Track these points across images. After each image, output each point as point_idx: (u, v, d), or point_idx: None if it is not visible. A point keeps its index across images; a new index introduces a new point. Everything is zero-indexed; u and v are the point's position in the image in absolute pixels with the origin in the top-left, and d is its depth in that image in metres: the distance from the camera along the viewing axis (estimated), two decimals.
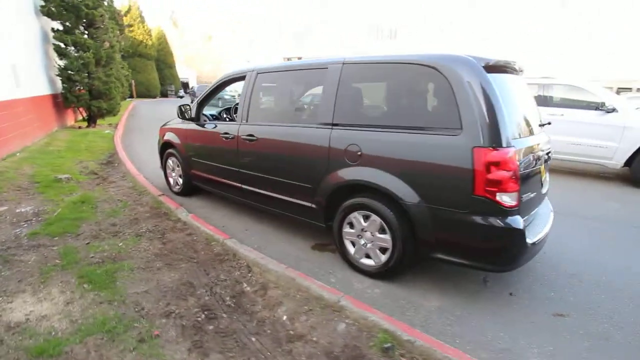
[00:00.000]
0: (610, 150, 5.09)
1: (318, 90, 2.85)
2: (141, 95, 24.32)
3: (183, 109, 3.85)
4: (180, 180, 4.37)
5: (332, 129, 2.61)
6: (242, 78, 3.51)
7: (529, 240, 2.09)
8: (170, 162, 4.48)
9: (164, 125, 4.73)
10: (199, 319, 2.08)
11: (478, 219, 2.05)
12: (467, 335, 2.02)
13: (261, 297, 2.31)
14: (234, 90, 14.98)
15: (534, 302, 2.38)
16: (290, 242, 3.19)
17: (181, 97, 31.59)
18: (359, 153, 2.44)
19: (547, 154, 2.53)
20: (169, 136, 4.37)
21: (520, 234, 2.02)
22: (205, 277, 2.53)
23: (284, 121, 3.02)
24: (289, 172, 2.96)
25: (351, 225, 2.65)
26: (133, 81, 20.45)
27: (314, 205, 2.83)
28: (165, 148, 4.53)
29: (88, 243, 2.96)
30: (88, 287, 2.29)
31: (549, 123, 2.99)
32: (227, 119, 4.27)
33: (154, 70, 27.02)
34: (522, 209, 2.09)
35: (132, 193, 4.41)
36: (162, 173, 4.72)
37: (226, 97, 13.32)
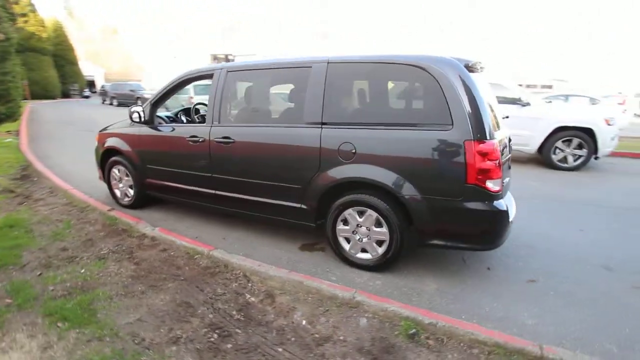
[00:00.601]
0: (526, 138, 6.02)
1: (300, 89, 2.82)
2: (37, 96, 20.68)
3: (135, 112, 3.43)
4: (131, 191, 3.90)
5: (322, 128, 2.60)
6: (208, 76, 3.28)
7: (510, 219, 2.39)
8: (115, 171, 3.96)
9: (103, 130, 4.16)
10: (212, 339, 1.91)
11: (471, 205, 2.27)
12: (468, 310, 2.23)
13: (270, 306, 2.22)
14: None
15: (509, 273, 2.72)
16: (276, 245, 3.11)
17: (87, 97, 27.80)
18: (353, 151, 2.49)
19: (510, 143, 2.90)
20: (113, 142, 3.86)
21: (506, 214, 2.30)
22: (201, 294, 2.32)
23: (265, 122, 2.92)
24: (273, 174, 2.87)
25: (345, 222, 2.69)
26: (26, 81, 17.31)
27: (303, 206, 2.80)
28: (107, 156, 3.99)
29: (40, 274, 2.47)
30: (64, 326, 1.92)
31: (507, 117, 3.42)
32: (187, 121, 3.94)
33: (51, 68, 23.29)
34: (502, 193, 2.38)
35: (71, 210, 3.78)
36: (99, 184, 4.19)
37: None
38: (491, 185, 2.24)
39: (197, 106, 4.05)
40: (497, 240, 2.39)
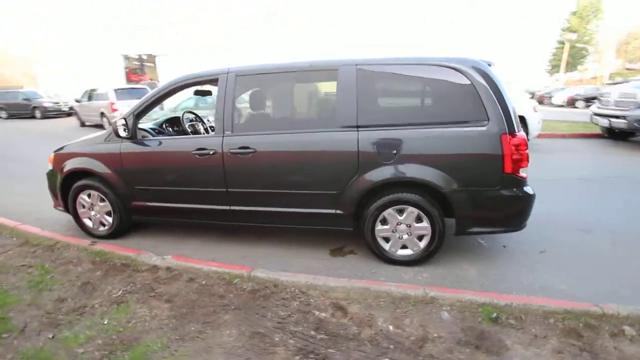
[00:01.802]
0: None
1: (328, 92, 2.75)
2: None
3: (121, 125, 2.91)
4: (109, 219, 3.33)
5: (358, 131, 2.58)
6: (210, 81, 2.97)
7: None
8: (84, 197, 3.33)
9: (59, 150, 3.46)
10: None
11: (507, 192, 2.50)
12: (516, 286, 2.47)
13: (345, 318, 2.14)
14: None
15: (521, 247, 3.07)
16: (305, 255, 2.99)
17: None
18: (394, 152, 2.52)
19: None
20: (81, 164, 3.24)
21: (533, 198, 2.59)
22: (265, 320, 2.12)
23: (291, 128, 2.75)
24: (304, 183, 2.74)
25: (383, 222, 2.73)
26: None
27: (338, 211, 2.74)
28: (70, 181, 3.33)
29: (53, 336, 1.96)
30: None
31: None
32: (177, 133, 3.47)
33: None
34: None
35: (34, 251, 3.05)
36: (49, 216, 3.66)
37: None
38: (523, 172, 2.51)
39: (186, 115, 3.62)
40: (525, 221, 2.68)
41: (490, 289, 2.44)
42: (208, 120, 4.13)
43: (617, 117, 7.07)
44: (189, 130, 3.51)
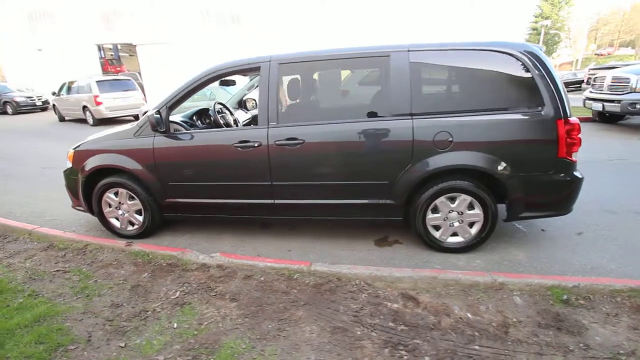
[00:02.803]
0: None
1: (378, 79, 2.68)
2: None
3: (157, 119, 2.73)
4: (140, 218, 3.17)
5: (412, 119, 2.53)
6: (250, 70, 2.83)
7: None
8: (111, 196, 3.15)
9: (78, 147, 3.23)
10: (405, 357, 1.76)
11: (559, 177, 2.54)
12: (568, 268, 2.54)
13: (419, 308, 2.13)
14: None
15: (558, 230, 3.15)
16: (351, 247, 2.96)
17: None
18: (450, 139, 2.50)
19: None
20: (109, 160, 3.05)
21: (582, 181, 2.65)
22: (340, 314, 2.08)
23: (340, 117, 2.67)
24: (355, 173, 2.69)
25: (434, 210, 2.72)
26: None
27: (389, 201, 2.71)
28: (93, 179, 3.13)
29: (125, 345, 1.85)
30: None
31: None
32: (204, 126, 3.31)
33: None
34: None
35: (64, 255, 2.86)
36: (66, 216, 3.57)
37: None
38: (574, 157, 2.55)
39: (217, 106, 3.45)
40: (572, 205, 2.74)
41: (545, 272, 2.50)
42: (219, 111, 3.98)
43: (610, 101, 7.35)
44: (222, 122, 3.35)
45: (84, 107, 11.51)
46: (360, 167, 2.67)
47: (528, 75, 2.45)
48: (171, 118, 3.07)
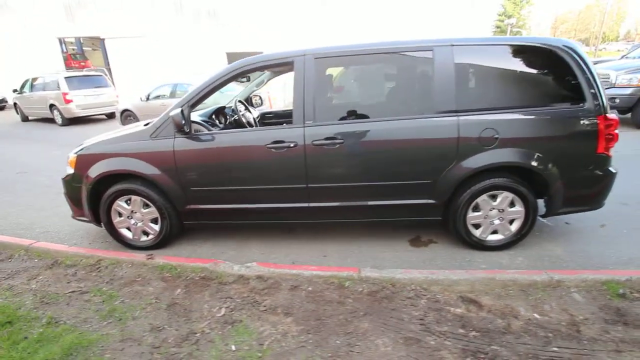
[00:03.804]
0: None
1: (420, 75, 2.57)
2: None
3: (181, 118, 2.46)
4: (155, 227, 2.90)
5: (458, 116, 2.46)
6: (282, 65, 2.64)
7: None
8: (122, 205, 2.86)
9: (81, 151, 2.89)
10: None
11: (597, 172, 2.57)
12: (607, 261, 2.58)
13: (483, 311, 2.06)
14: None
15: (581, 223, 3.21)
16: (387, 248, 2.86)
17: None
18: (496, 136, 2.45)
19: None
20: (122, 165, 2.76)
21: (615, 176, 2.69)
22: (405, 323, 1.97)
23: (381, 115, 2.54)
24: (397, 173, 2.58)
25: (475, 209, 2.68)
26: None
27: (431, 200, 2.64)
28: (99, 186, 2.82)
29: None
30: None
31: None
32: (224, 126, 3.06)
33: None
34: None
35: (75, 273, 2.55)
36: (62, 227, 3.23)
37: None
38: (611, 152, 2.58)
39: (239, 105, 3.20)
40: (605, 199, 2.79)
41: (587, 265, 2.52)
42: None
43: None
44: (244, 121, 3.12)
45: (51, 106, 10.61)
46: (403, 166, 2.57)
47: (569, 70, 2.44)
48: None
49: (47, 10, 17.19)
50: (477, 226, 2.74)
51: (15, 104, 12.15)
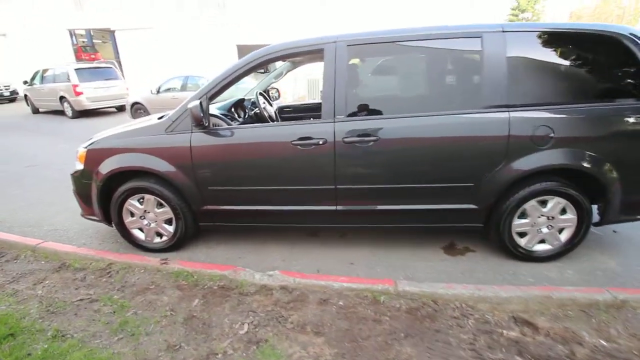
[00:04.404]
0: None
1: (467, 64, 2.30)
2: None
3: (200, 112, 2.23)
4: (170, 228, 2.70)
5: (509, 111, 2.19)
6: (311, 53, 2.39)
7: None
8: (134, 204, 2.66)
9: (92, 145, 2.69)
10: None
11: None
12: None
13: (541, 335, 1.81)
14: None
15: (633, 232, 2.93)
16: (419, 257, 2.62)
17: None
18: (551, 135, 2.17)
19: None
20: (135, 161, 2.56)
21: None
22: (456, 348, 1.73)
23: (421, 109, 2.28)
24: (435, 175, 2.33)
25: (522, 216, 2.41)
26: None
27: (472, 206, 2.38)
28: (110, 183, 2.62)
29: None
30: None
31: None
32: (244, 120, 2.83)
33: None
34: None
35: (84, 277, 2.35)
36: (71, 225, 3.08)
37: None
38: None
39: (260, 98, 2.97)
40: None
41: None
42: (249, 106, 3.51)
43: None
44: (266, 115, 2.89)
45: (62, 98, 10.51)
46: (442, 167, 2.31)
47: (636, 61, 2.15)
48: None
49: (57, 0, 17.10)
50: (522, 235, 2.48)
51: (25, 95, 12.09)
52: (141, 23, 15.11)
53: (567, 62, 2.27)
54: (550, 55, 2.26)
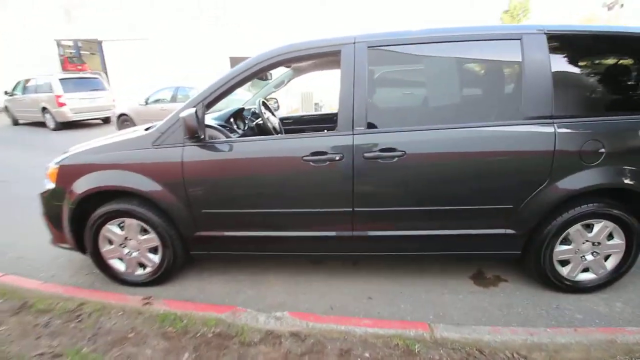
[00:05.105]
0: None
1: (504, 69, 2.03)
2: None
3: (195, 122, 1.89)
4: (156, 258, 2.30)
5: (554, 123, 1.90)
6: (323, 55, 2.09)
7: None
8: (114, 229, 2.26)
9: (64, 160, 2.30)
10: None
11: None
12: None
13: None
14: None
15: None
16: (446, 288, 2.28)
17: None
18: (601, 150, 1.90)
19: None
20: (114, 179, 2.17)
21: None
22: None
23: (453, 120, 1.98)
24: (470, 195, 2.01)
25: (564, 242, 2.11)
26: None
27: (509, 231, 2.06)
28: (87, 205, 2.23)
29: None
30: None
31: None
32: (243, 132, 2.48)
33: None
34: None
35: (50, 322, 1.92)
36: (37, 252, 2.57)
37: None
38: None
39: (258, 107, 2.62)
40: None
41: None
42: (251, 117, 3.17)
43: None
44: (270, 127, 2.55)
45: (44, 109, 9.98)
46: (479, 186, 1.99)
47: None
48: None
49: (45, 10, 16.66)
50: (564, 263, 2.17)
51: (6, 106, 11.51)
52: (129, 34, 14.77)
53: (616, 68, 2.01)
54: (599, 59, 2.00)
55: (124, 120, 8.90)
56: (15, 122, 11.29)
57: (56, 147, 7.25)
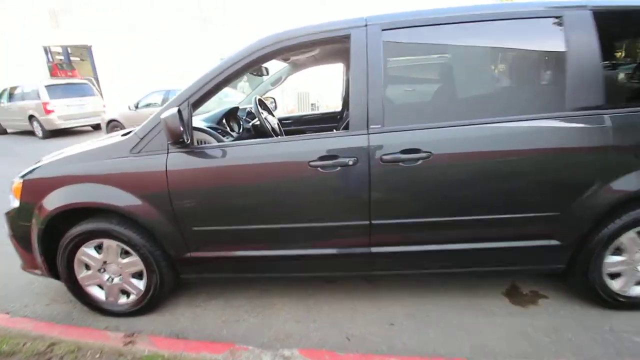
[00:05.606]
0: None
1: (543, 53, 1.73)
2: None
3: (177, 125, 1.57)
4: (140, 284, 1.99)
5: (607, 114, 1.61)
6: (330, 40, 1.77)
7: None
8: (90, 253, 1.94)
9: (30, 174, 1.98)
10: None
11: None
12: None
13: None
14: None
15: None
16: (479, 310, 1.97)
17: None
18: None
19: None
20: (87, 194, 1.85)
21: None
22: None
23: (485, 114, 1.67)
24: (509, 202, 1.70)
25: (617, 252, 1.81)
26: None
27: (554, 242, 1.76)
28: (57, 224, 1.91)
29: None
30: None
31: None
32: (240, 134, 2.17)
33: None
34: None
35: None
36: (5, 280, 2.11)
37: None
38: None
39: (254, 106, 2.30)
40: None
41: None
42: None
43: None
44: (269, 128, 2.23)
45: (31, 117, 9.61)
46: (520, 191, 1.69)
47: None
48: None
49: (31, 15, 16.27)
50: (613, 276, 1.87)
51: None
52: (119, 38, 14.41)
53: None
54: None
55: (114, 126, 8.56)
56: (3, 132, 10.92)
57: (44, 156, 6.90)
